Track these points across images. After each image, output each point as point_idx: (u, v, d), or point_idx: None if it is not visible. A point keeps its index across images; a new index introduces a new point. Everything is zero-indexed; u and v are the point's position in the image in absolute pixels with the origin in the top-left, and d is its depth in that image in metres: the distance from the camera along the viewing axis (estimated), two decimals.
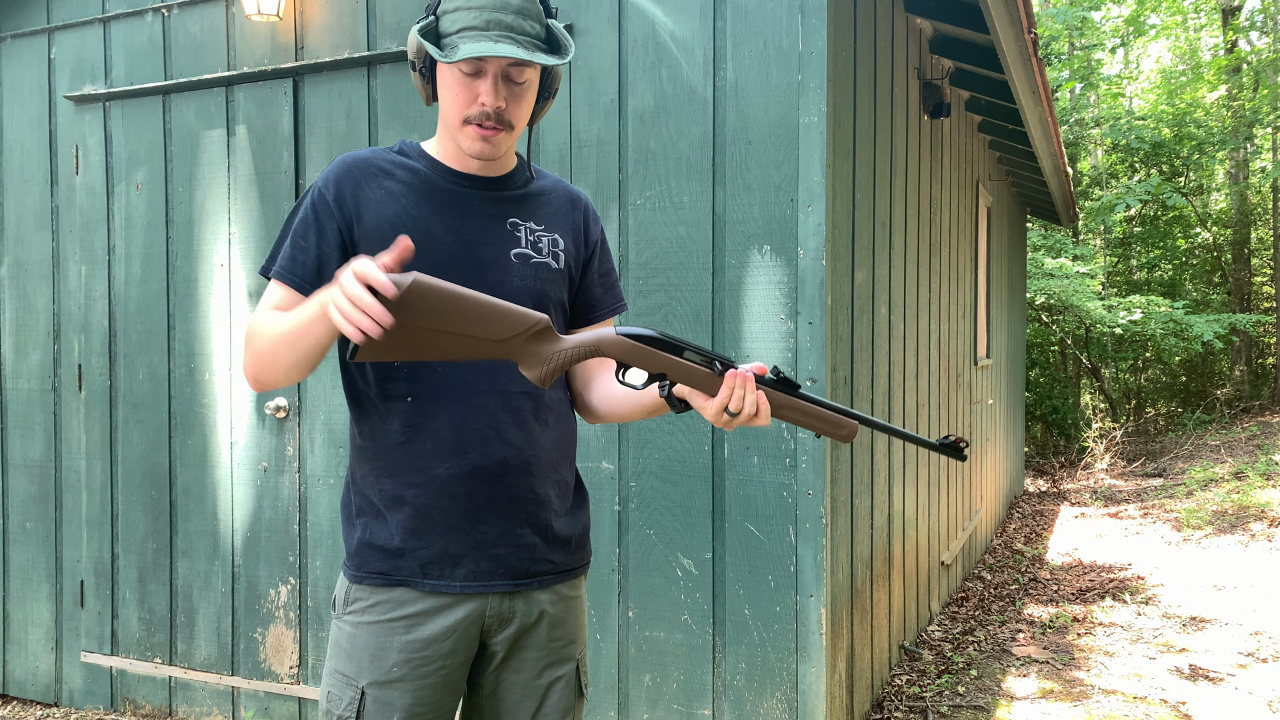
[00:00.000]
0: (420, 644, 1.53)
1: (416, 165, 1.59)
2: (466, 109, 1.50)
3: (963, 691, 4.03)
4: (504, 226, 1.59)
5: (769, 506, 2.87)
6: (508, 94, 1.51)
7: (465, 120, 1.51)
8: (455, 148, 1.57)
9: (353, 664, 1.55)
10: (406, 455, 1.53)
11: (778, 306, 2.84)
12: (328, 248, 1.54)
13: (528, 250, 1.60)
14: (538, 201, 1.65)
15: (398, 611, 1.54)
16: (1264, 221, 15.61)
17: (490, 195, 1.60)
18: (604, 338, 1.44)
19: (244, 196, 3.53)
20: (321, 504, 3.43)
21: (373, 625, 1.54)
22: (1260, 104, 13.70)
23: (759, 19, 2.84)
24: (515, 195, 1.63)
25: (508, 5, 1.47)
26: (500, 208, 1.60)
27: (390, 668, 1.53)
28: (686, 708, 2.97)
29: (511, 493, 1.56)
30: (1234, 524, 7.42)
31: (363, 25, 3.35)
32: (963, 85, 5.18)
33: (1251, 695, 4.00)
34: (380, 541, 1.55)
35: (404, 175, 1.57)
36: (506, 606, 1.58)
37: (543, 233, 1.63)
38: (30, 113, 3.93)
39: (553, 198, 1.67)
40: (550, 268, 1.61)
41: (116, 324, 3.77)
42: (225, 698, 3.61)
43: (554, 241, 1.63)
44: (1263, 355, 15.10)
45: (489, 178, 1.61)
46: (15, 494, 4.01)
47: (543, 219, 1.64)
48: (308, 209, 1.56)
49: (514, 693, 1.61)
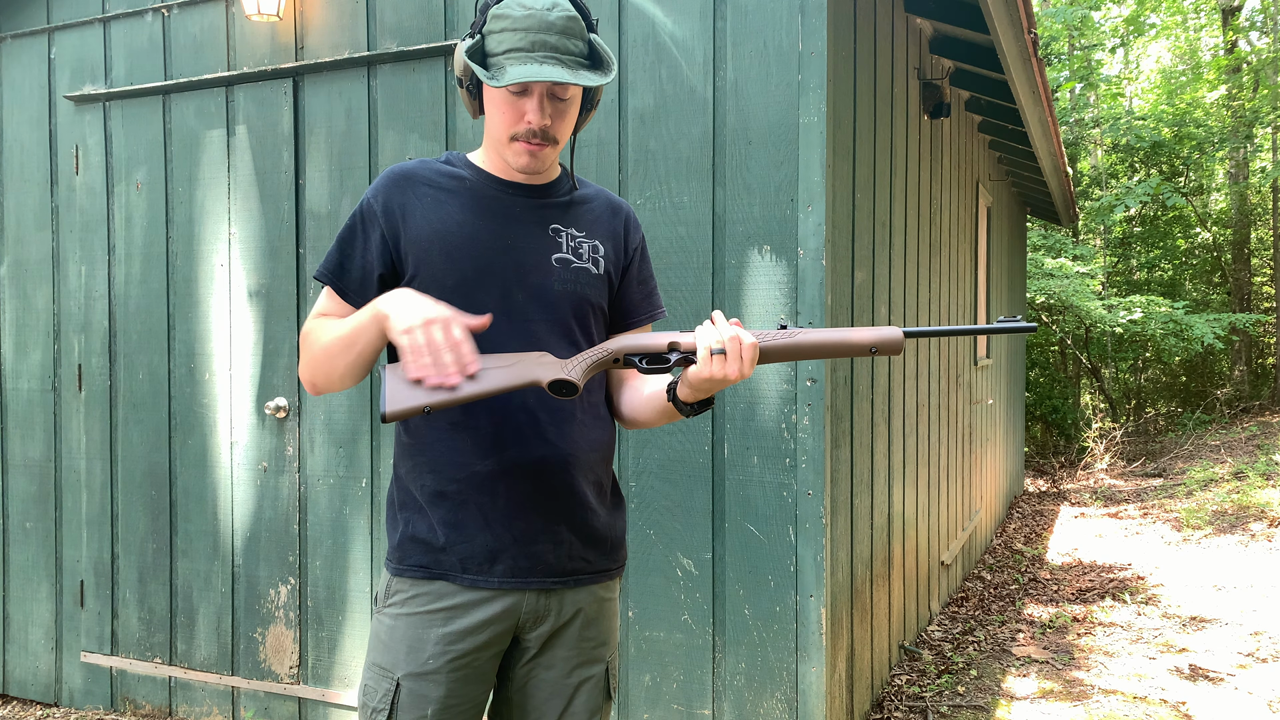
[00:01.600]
0: (456, 636, 1.57)
1: (463, 174, 1.65)
2: (514, 127, 1.56)
3: (963, 691, 4.03)
4: (546, 232, 1.64)
5: (769, 506, 2.87)
6: (553, 111, 1.56)
7: (513, 137, 1.57)
8: (501, 159, 1.63)
9: (390, 656, 1.59)
10: (447, 451, 1.58)
11: (778, 306, 2.84)
12: (371, 257, 1.61)
13: (569, 255, 1.65)
14: (580, 209, 1.70)
15: (436, 604, 1.58)
16: (1264, 221, 15.61)
17: (534, 202, 1.65)
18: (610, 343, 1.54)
19: (244, 196, 3.53)
20: (321, 504, 3.43)
21: (411, 617, 1.59)
22: (1260, 104, 13.70)
23: (759, 19, 2.84)
24: (559, 203, 1.68)
25: (552, 26, 1.50)
26: (543, 214, 1.65)
27: (426, 659, 1.57)
28: (686, 708, 2.97)
29: (550, 490, 1.59)
30: (1234, 524, 7.42)
31: (363, 25, 3.35)
32: (963, 85, 5.18)
33: (1251, 695, 4.00)
34: (422, 535, 1.60)
35: (450, 184, 1.64)
36: (542, 604, 1.61)
37: (584, 239, 1.67)
38: (30, 113, 3.93)
39: (594, 206, 1.72)
40: (590, 273, 1.66)
41: (116, 324, 3.77)
42: (225, 698, 3.61)
43: (594, 248, 1.68)
44: (1263, 355, 15.10)
45: (533, 185, 1.66)
46: (15, 494, 4.01)
47: (584, 226, 1.69)
48: (356, 218, 1.63)
49: (543, 690, 1.64)
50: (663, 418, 1.66)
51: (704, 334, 1.47)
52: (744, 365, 1.46)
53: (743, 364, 1.46)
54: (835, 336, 1.49)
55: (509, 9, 1.51)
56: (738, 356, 1.46)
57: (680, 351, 1.51)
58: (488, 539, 1.58)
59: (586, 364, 1.51)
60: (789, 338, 1.49)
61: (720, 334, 1.46)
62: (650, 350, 1.53)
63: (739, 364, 1.45)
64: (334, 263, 1.63)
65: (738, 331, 1.46)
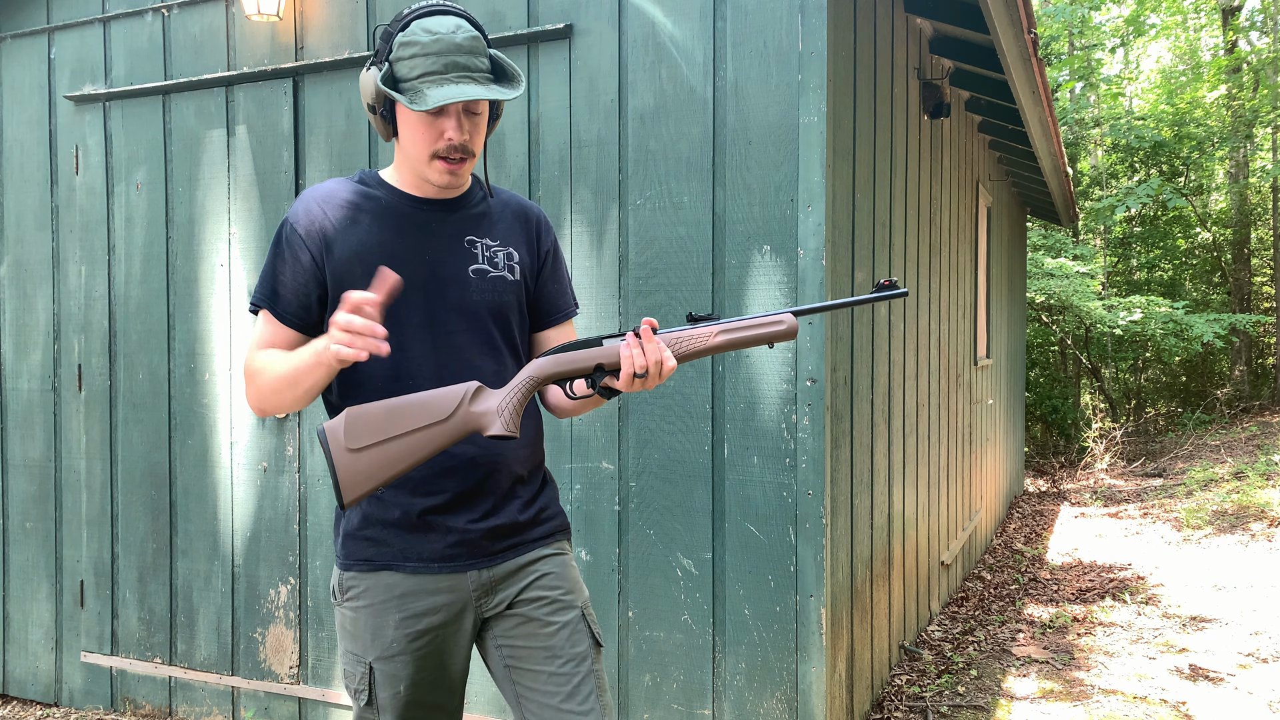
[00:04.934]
0: (411, 620, 1.68)
1: (377, 194, 1.72)
2: (433, 145, 1.63)
3: (963, 691, 4.03)
4: (463, 245, 1.72)
5: (769, 506, 2.87)
6: (470, 126, 1.64)
7: (434, 155, 1.64)
8: (415, 177, 1.70)
9: (358, 644, 1.70)
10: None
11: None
12: (304, 278, 1.67)
13: (485, 265, 1.73)
14: (493, 218, 1.78)
15: (388, 594, 1.68)
16: (1264, 221, 15.61)
17: (449, 216, 1.73)
18: (534, 368, 1.62)
19: (244, 196, 3.53)
20: (321, 504, 3.43)
21: (369, 608, 1.69)
22: (1260, 104, 13.70)
23: (759, 19, 2.84)
24: (473, 214, 1.75)
25: (460, 47, 1.59)
26: (459, 227, 1.73)
27: (390, 643, 1.68)
28: (686, 708, 2.97)
29: (479, 484, 1.70)
30: (1234, 524, 7.42)
31: (362, 25, 3.35)
32: (963, 85, 5.18)
33: (1252, 695, 4.00)
34: (362, 531, 1.71)
35: (367, 204, 1.70)
36: (486, 576, 1.71)
37: (499, 247, 1.75)
38: (30, 113, 3.93)
39: (506, 214, 1.80)
40: (507, 280, 1.75)
41: (116, 324, 3.76)
42: (225, 698, 3.61)
43: (509, 255, 1.76)
44: (1263, 355, 15.10)
45: (447, 200, 1.74)
46: (15, 494, 4.01)
47: (498, 234, 1.77)
48: (282, 245, 1.69)
49: (523, 644, 1.72)
50: (589, 407, 1.78)
51: (628, 359, 1.58)
52: (662, 380, 1.60)
53: (661, 380, 1.60)
54: (732, 335, 1.63)
55: (415, 35, 1.58)
56: (657, 377, 1.59)
57: (604, 371, 1.62)
58: (423, 529, 1.68)
59: (516, 401, 1.59)
60: (691, 343, 1.63)
61: (645, 358, 1.57)
62: (577, 372, 1.63)
63: (657, 381, 1.59)
64: (268, 289, 1.69)
65: (661, 354, 1.57)
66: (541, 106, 3.11)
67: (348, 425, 1.55)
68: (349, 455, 1.54)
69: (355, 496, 1.54)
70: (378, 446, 1.54)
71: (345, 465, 1.54)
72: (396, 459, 1.54)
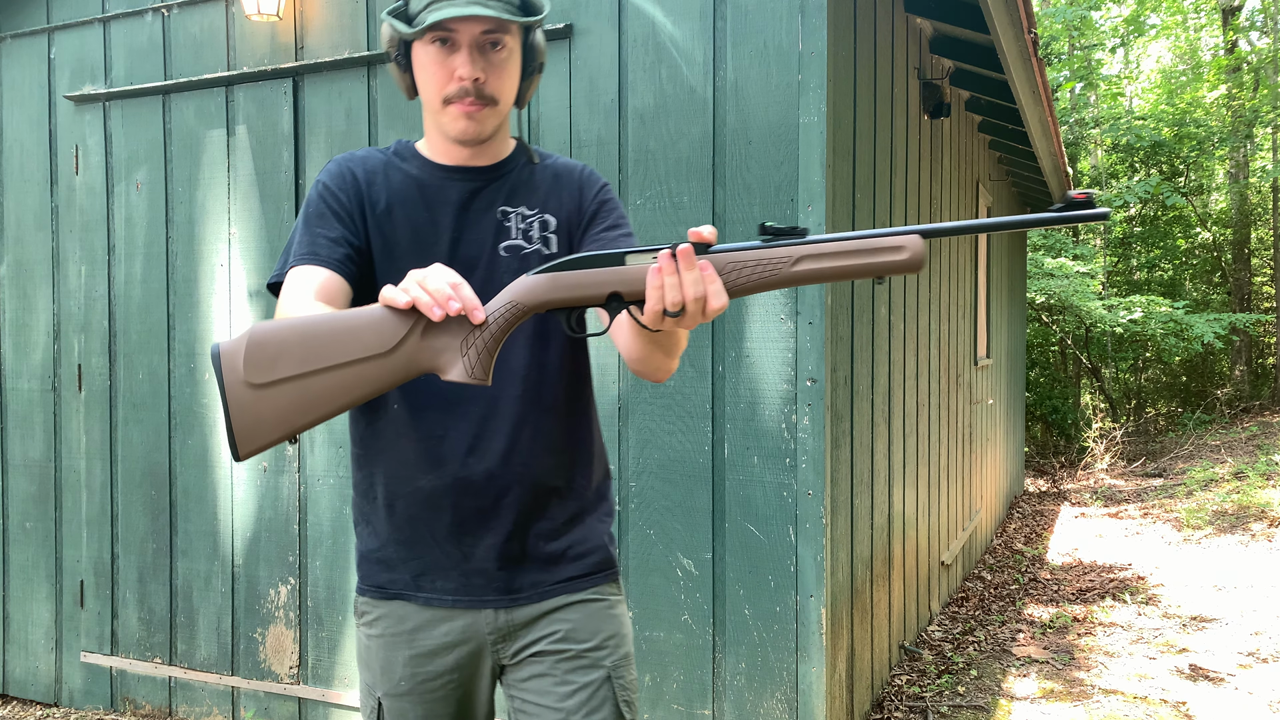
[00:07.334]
0: (421, 659, 1.49)
1: (408, 167, 1.51)
2: (445, 87, 1.42)
3: (963, 692, 4.03)
4: (494, 218, 1.49)
5: (769, 506, 2.87)
6: (485, 65, 1.42)
7: (446, 100, 1.43)
8: (442, 140, 1.49)
9: (369, 674, 1.54)
10: (394, 464, 1.48)
11: (778, 306, 2.84)
12: (355, 227, 1.46)
13: (519, 241, 1.49)
14: (534, 184, 1.53)
15: (400, 626, 1.50)
16: (1264, 221, 15.61)
17: (480, 186, 1.50)
18: (519, 290, 1.21)
19: (244, 196, 3.53)
20: (321, 504, 3.43)
21: (380, 639, 1.52)
22: (1260, 103, 13.70)
23: (759, 19, 2.84)
24: (507, 182, 1.52)
25: None
26: (491, 197, 1.50)
27: (398, 681, 1.50)
28: (687, 708, 2.97)
29: (498, 505, 1.47)
30: (1234, 524, 7.42)
31: (362, 25, 3.35)
32: (963, 85, 5.18)
33: (1252, 695, 4.00)
34: (376, 553, 1.52)
35: (397, 177, 1.50)
36: (504, 620, 1.49)
37: (534, 217, 1.51)
38: (30, 113, 3.93)
39: (546, 175, 1.54)
40: (542, 255, 1.50)
41: (116, 324, 3.76)
42: (225, 698, 3.61)
43: (544, 223, 1.51)
44: (1263, 355, 15.10)
45: (479, 168, 1.51)
46: (15, 494, 4.01)
47: (535, 201, 1.52)
48: (315, 203, 1.48)
49: (537, 699, 1.48)
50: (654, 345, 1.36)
51: (656, 289, 1.17)
52: (706, 320, 1.19)
53: (705, 319, 1.19)
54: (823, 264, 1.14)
55: None
56: (699, 316, 1.18)
57: (624, 303, 1.20)
58: (437, 556, 1.47)
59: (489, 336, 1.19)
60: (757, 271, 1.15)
61: (682, 290, 1.16)
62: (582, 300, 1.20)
63: (700, 321, 1.19)
64: (304, 248, 1.43)
65: (706, 287, 1.16)
66: (541, 106, 3.11)
67: (250, 352, 1.14)
68: (250, 392, 1.15)
69: (253, 448, 1.15)
70: (290, 383, 1.14)
71: (244, 405, 1.14)
72: (314, 402, 1.15)
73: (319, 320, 1.17)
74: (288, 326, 1.15)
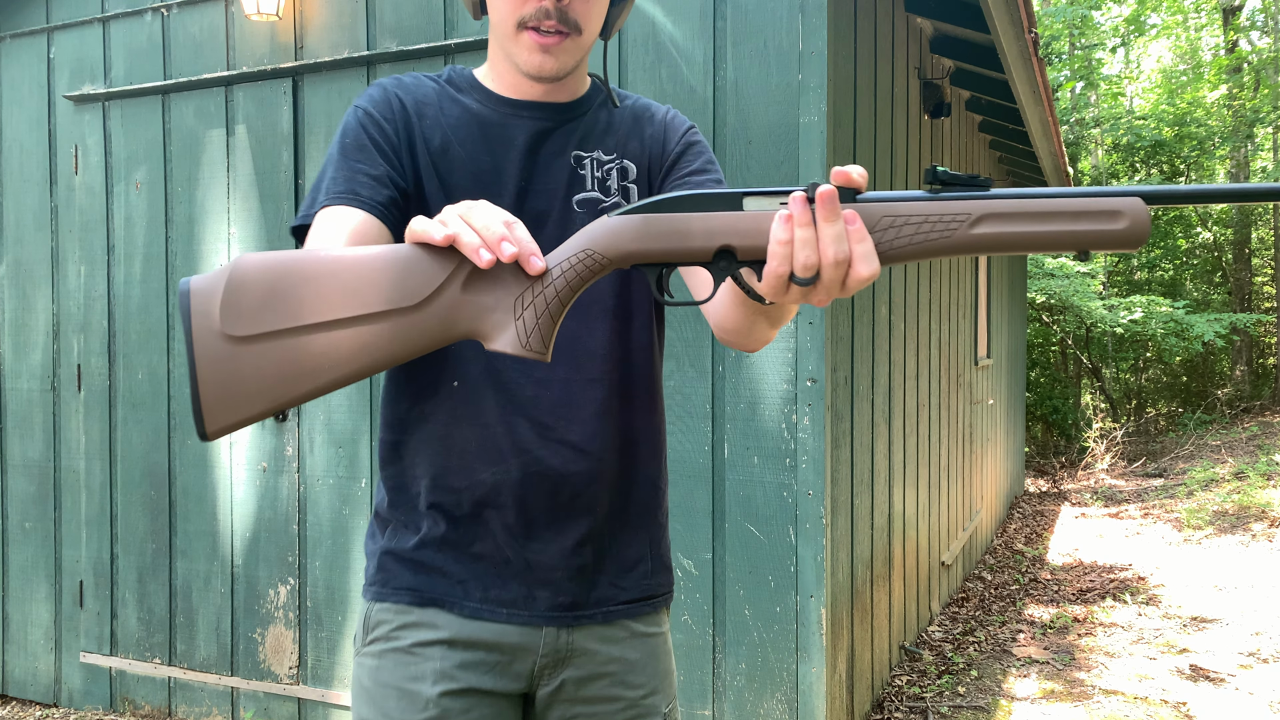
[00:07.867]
0: (453, 675, 1.22)
1: (465, 100, 1.27)
2: (520, 10, 1.18)
3: (963, 692, 4.02)
4: (567, 164, 1.26)
5: (769, 506, 2.86)
6: None
7: (520, 24, 1.19)
8: (511, 70, 1.25)
9: (375, 708, 1.22)
10: (445, 455, 1.24)
11: None
12: (400, 166, 1.21)
13: (595, 193, 1.26)
14: (613, 126, 1.30)
15: (430, 635, 1.22)
16: (1264, 221, 15.60)
17: (550, 127, 1.26)
18: (597, 235, 0.92)
19: (244, 196, 3.53)
20: (321, 504, 3.43)
21: (399, 653, 1.22)
22: (1261, 103, 13.70)
23: (759, 19, 2.84)
24: (582, 124, 1.28)
25: None
26: (565, 140, 1.27)
27: (425, 704, 1.20)
28: (687, 708, 2.96)
29: (572, 503, 1.25)
30: (1235, 524, 7.41)
31: (362, 25, 3.34)
32: (963, 85, 5.18)
33: (1253, 695, 3.99)
34: (411, 553, 1.25)
35: (453, 110, 1.25)
36: (564, 642, 1.26)
37: (613, 163, 1.28)
38: (30, 113, 3.92)
39: (626, 117, 1.32)
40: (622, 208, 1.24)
41: (116, 324, 3.76)
42: (225, 698, 3.61)
43: (623, 172, 1.28)
44: (1263, 355, 15.10)
45: (552, 104, 1.27)
46: (15, 494, 4.00)
47: (613, 145, 1.29)
48: (355, 131, 1.21)
49: None
50: (756, 312, 1.07)
51: (783, 245, 0.88)
52: (846, 294, 0.90)
53: (845, 293, 0.90)
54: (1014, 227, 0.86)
55: None
56: (838, 286, 0.89)
57: (736, 262, 0.91)
58: (495, 561, 1.24)
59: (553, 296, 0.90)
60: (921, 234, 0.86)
61: (820, 250, 0.87)
62: (680, 255, 0.90)
63: (839, 294, 0.90)
64: (339, 185, 1.16)
65: (851, 247, 0.87)
66: None
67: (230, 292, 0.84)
68: (226, 347, 0.84)
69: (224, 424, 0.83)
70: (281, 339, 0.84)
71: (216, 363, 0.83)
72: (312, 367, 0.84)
73: (325, 259, 0.87)
74: (282, 262, 0.86)
